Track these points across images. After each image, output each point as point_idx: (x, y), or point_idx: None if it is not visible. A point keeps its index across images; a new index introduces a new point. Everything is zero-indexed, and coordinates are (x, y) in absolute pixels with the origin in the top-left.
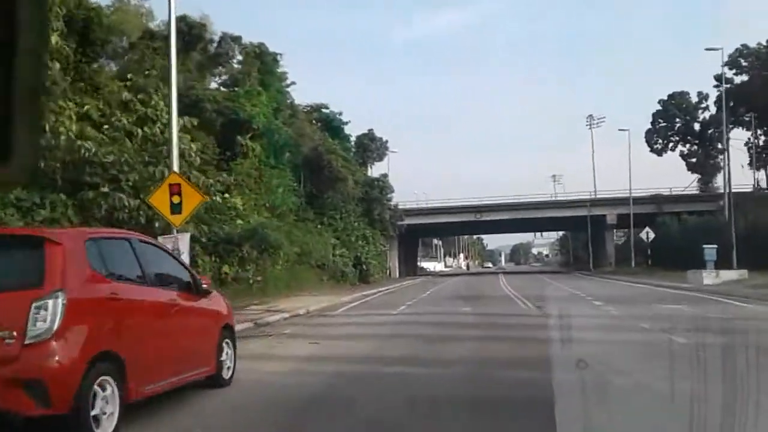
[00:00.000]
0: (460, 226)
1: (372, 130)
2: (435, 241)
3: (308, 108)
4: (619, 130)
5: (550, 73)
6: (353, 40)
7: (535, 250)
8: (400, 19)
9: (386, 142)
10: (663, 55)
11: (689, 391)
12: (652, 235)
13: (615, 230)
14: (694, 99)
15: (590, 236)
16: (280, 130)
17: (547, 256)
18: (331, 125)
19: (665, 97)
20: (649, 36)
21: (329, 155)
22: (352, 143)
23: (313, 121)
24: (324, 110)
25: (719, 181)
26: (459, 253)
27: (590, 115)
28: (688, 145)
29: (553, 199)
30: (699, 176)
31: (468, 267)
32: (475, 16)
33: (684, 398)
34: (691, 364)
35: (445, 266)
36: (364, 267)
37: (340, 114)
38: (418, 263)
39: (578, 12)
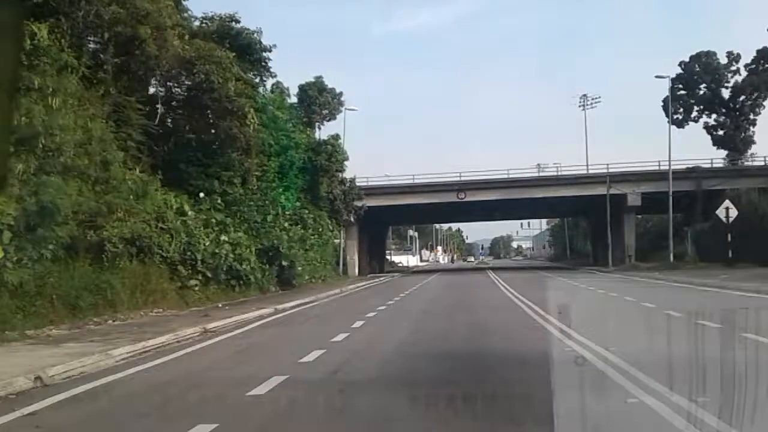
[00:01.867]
0: (438, 210)
1: (321, 77)
2: (410, 232)
3: (205, 21)
4: (656, 77)
5: (541, 63)
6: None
7: (515, 244)
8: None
9: (340, 94)
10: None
11: None
12: (734, 213)
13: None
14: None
15: (609, 220)
16: None
17: (531, 249)
18: (238, 43)
19: (687, 59)
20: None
21: (208, 66)
22: (288, 90)
23: (225, 45)
24: (233, 23)
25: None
26: (437, 245)
27: (584, 95)
28: (714, 116)
29: (556, 174)
30: (727, 151)
31: (453, 260)
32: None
33: None
34: None
35: (421, 260)
36: (284, 263)
37: (259, 33)
38: (389, 257)
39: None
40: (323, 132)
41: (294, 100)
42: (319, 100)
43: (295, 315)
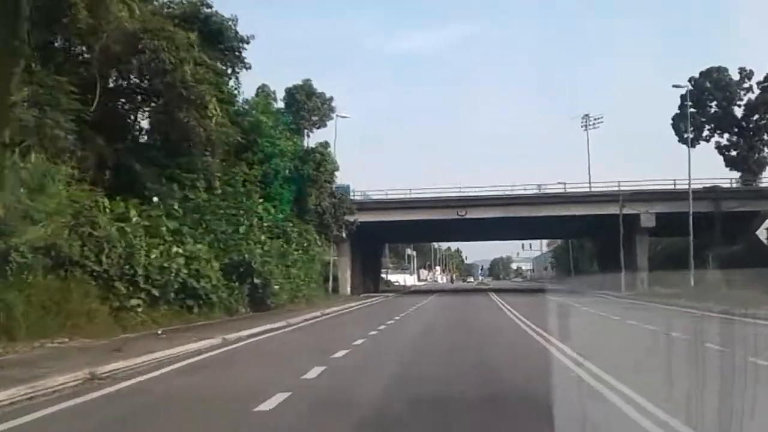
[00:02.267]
0: (437, 227)
1: (310, 80)
2: (408, 251)
3: (172, 5)
4: (673, 86)
5: (543, 85)
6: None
7: (514, 265)
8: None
9: (330, 99)
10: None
11: None
12: None
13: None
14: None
15: (622, 242)
16: None
17: (531, 271)
18: (207, 29)
19: (697, 75)
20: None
21: (157, 42)
22: (274, 94)
23: (193, 29)
24: (204, 8)
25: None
26: (435, 265)
27: (586, 115)
28: (726, 135)
29: (563, 191)
30: (740, 173)
31: (452, 280)
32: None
33: None
34: None
35: (419, 279)
36: (256, 281)
37: (234, 21)
38: (385, 276)
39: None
40: (312, 140)
41: (281, 105)
42: (307, 105)
43: (243, 349)
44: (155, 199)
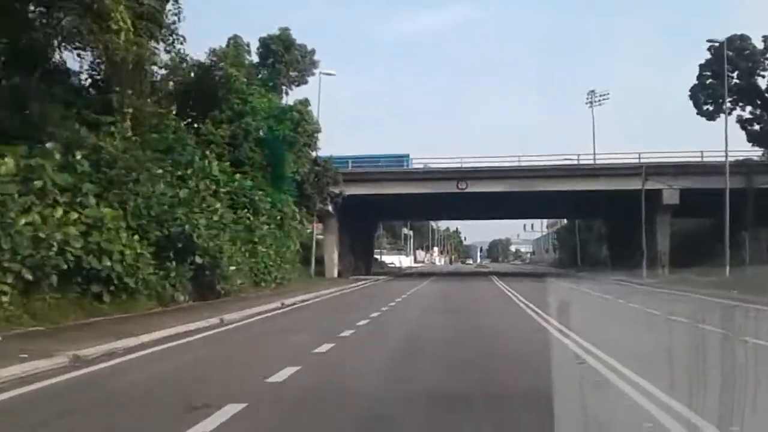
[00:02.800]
0: (435, 203)
1: (288, 29)
2: (405, 230)
3: None
4: (708, 41)
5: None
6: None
7: (513, 247)
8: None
9: (312, 52)
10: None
11: None
12: None
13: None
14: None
15: (644, 221)
16: None
17: (531, 254)
18: None
19: (716, 43)
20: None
21: None
22: (248, 46)
23: None
24: None
25: None
26: (433, 246)
27: (592, 91)
28: (749, 108)
29: (576, 163)
30: (763, 149)
31: (451, 261)
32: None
33: None
34: None
35: (415, 261)
36: (199, 260)
37: None
38: (378, 257)
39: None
40: (291, 99)
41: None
42: (285, 57)
43: (75, 386)
44: (48, 145)
